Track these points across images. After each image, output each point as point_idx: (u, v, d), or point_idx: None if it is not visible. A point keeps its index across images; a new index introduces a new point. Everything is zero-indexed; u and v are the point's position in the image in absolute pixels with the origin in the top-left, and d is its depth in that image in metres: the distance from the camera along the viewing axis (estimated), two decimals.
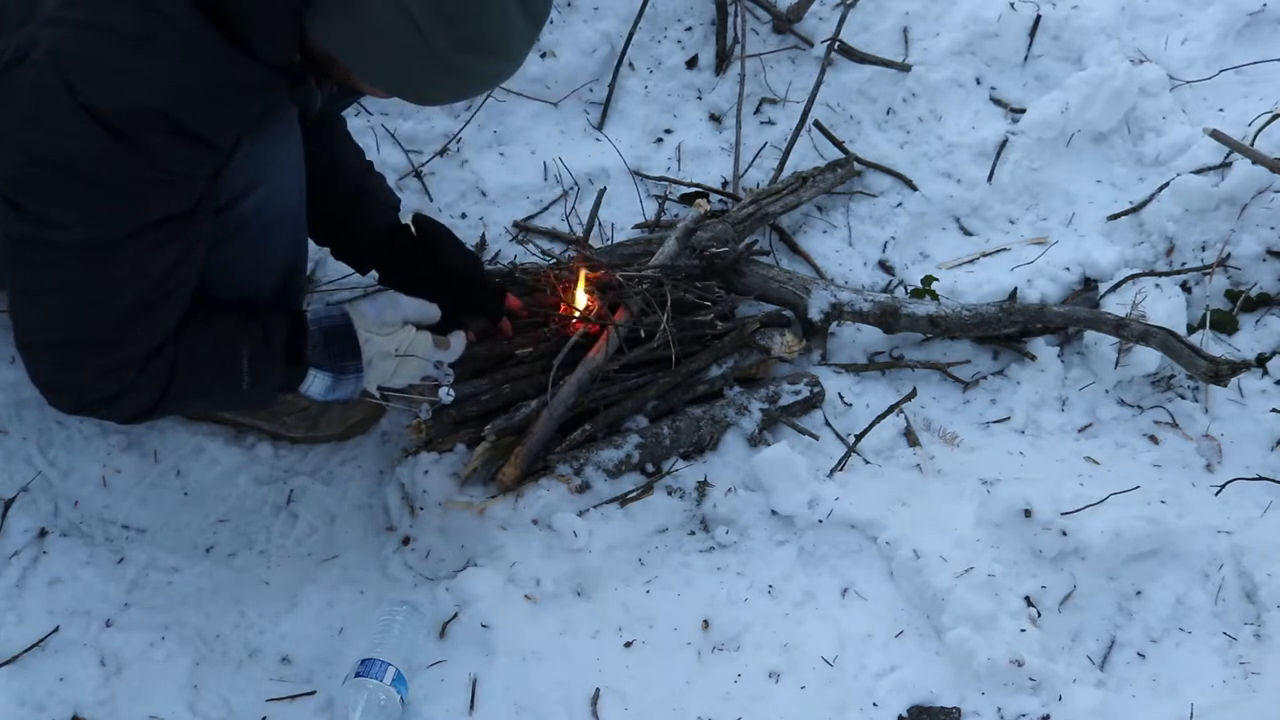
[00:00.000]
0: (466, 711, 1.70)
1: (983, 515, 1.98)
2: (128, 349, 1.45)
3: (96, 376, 1.47)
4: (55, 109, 1.27)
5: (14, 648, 1.66)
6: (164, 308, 1.47)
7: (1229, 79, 2.72)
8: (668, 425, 2.06)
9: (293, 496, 1.94)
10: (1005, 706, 1.78)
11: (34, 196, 1.33)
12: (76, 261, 1.37)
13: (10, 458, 1.87)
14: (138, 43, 1.28)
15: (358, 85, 1.49)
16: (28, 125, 1.29)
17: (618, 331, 2.06)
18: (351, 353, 1.67)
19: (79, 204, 1.33)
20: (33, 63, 1.27)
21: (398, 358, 1.72)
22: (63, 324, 1.42)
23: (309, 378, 1.64)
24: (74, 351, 1.45)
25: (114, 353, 1.45)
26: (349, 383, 1.68)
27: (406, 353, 1.73)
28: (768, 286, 2.29)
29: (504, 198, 2.49)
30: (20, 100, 1.29)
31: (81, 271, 1.38)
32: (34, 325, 1.46)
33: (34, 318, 1.45)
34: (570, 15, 2.70)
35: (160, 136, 1.31)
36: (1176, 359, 2.20)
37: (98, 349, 1.44)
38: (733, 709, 1.75)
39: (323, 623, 1.79)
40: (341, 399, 1.71)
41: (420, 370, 1.78)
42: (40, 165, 1.30)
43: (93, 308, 1.41)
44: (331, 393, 1.68)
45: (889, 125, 2.71)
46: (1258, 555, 1.96)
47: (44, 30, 1.28)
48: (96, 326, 1.42)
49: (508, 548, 1.89)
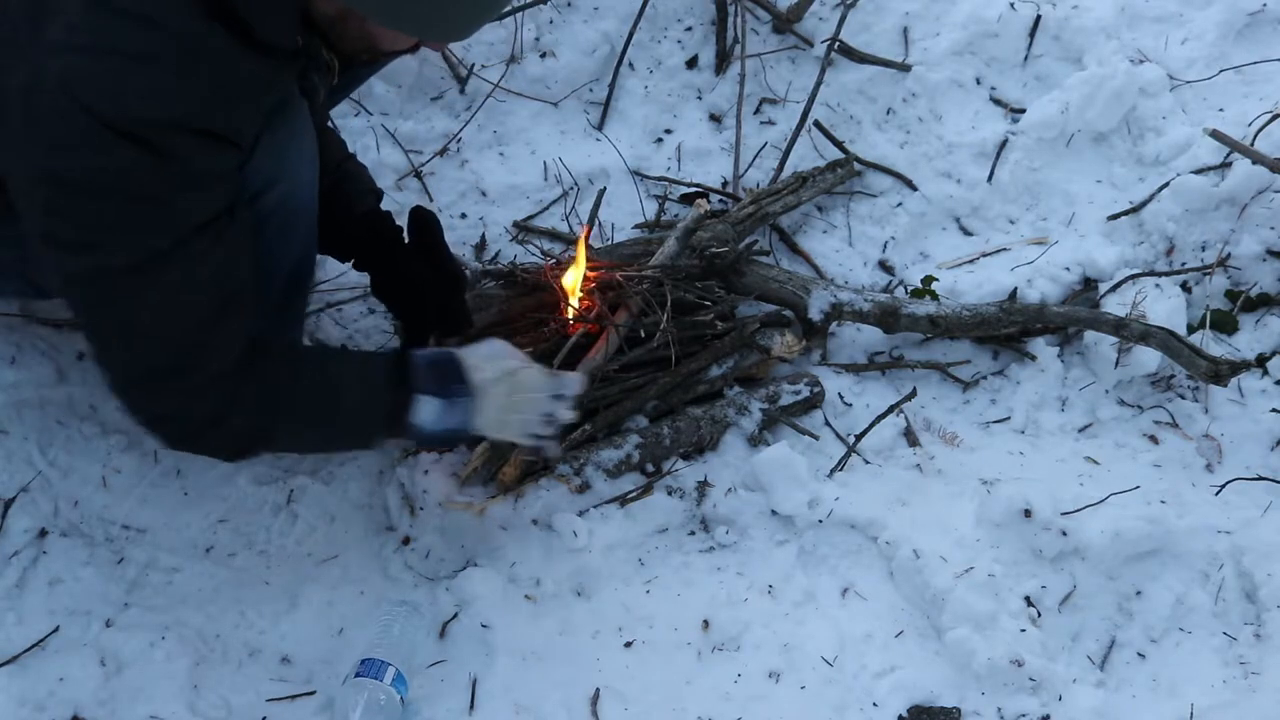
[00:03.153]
0: (466, 711, 1.70)
1: (983, 515, 1.98)
2: (211, 363, 1.46)
3: (190, 399, 1.47)
4: (77, 132, 1.29)
5: (14, 648, 1.66)
6: (232, 314, 1.47)
7: (1229, 79, 2.72)
8: (668, 425, 2.06)
9: (293, 496, 1.94)
10: (1005, 706, 1.78)
11: (77, 225, 1.35)
12: (134, 283, 1.38)
13: (10, 458, 1.87)
14: (144, 59, 1.30)
15: (374, 43, 1.48)
16: (55, 153, 1.31)
17: (618, 331, 2.06)
18: (458, 378, 1.64)
19: (122, 222, 1.34)
20: (47, 91, 1.29)
21: (511, 390, 1.67)
22: (143, 354, 1.44)
23: (416, 403, 1.60)
24: (161, 379, 1.46)
25: (198, 370, 1.45)
26: (459, 408, 1.63)
27: (519, 384, 1.68)
28: (768, 286, 2.29)
29: (504, 198, 2.49)
30: (43, 128, 1.31)
31: (141, 293, 1.39)
32: (118, 365, 1.48)
33: (116, 357, 1.47)
34: (570, 15, 2.70)
35: (183, 142, 1.32)
36: (1176, 359, 2.20)
37: (182, 370, 1.45)
38: (733, 709, 1.75)
39: (323, 623, 1.79)
40: (454, 430, 1.65)
41: (537, 405, 1.70)
42: (75, 191, 1.32)
43: (164, 328, 1.42)
44: (442, 421, 1.62)
45: (889, 125, 2.71)
46: (1258, 555, 1.96)
47: (51, 59, 1.30)
48: (173, 347, 1.43)
49: (508, 548, 1.90)
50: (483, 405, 1.65)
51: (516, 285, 2.13)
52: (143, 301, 1.40)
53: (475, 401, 1.64)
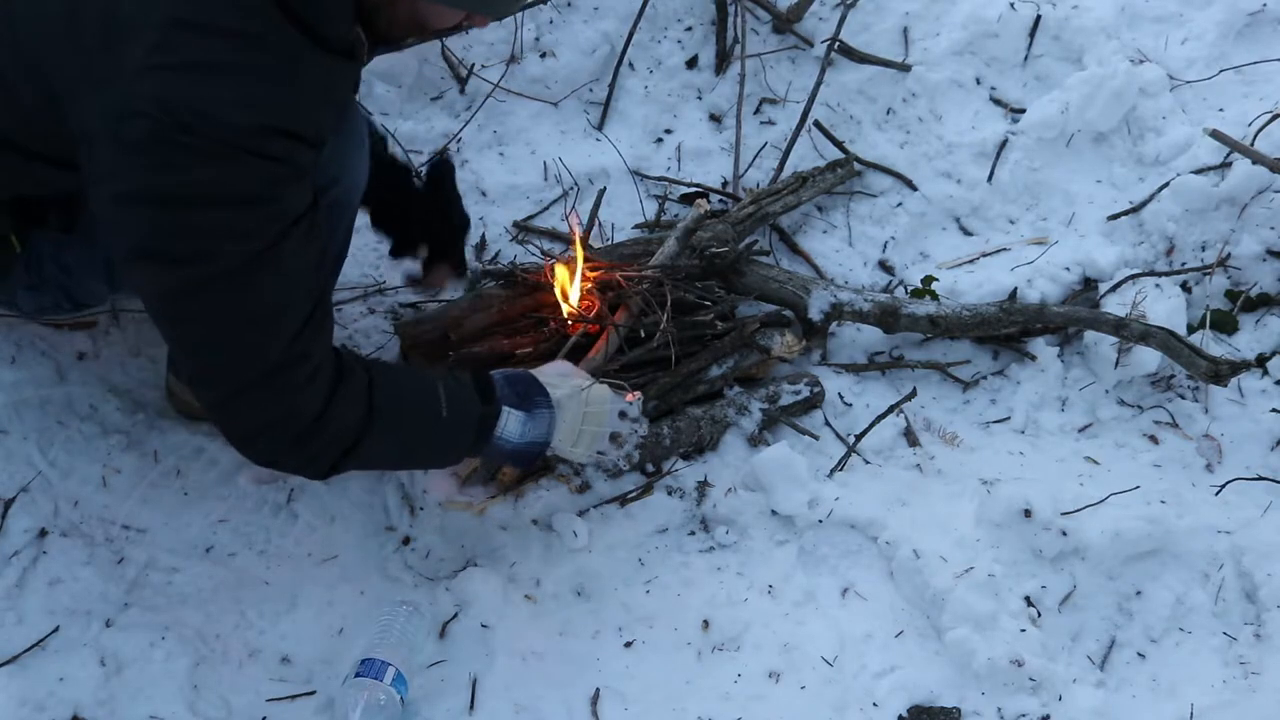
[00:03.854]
0: (466, 711, 1.70)
1: (983, 515, 1.98)
2: (314, 354, 1.48)
3: (296, 396, 1.48)
4: (177, 151, 1.33)
5: (14, 648, 1.66)
6: (325, 303, 1.52)
7: (1229, 79, 2.72)
8: (668, 425, 2.06)
9: (292, 496, 1.94)
10: (1005, 706, 1.78)
11: (183, 238, 1.38)
12: (240, 285, 1.41)
13: (10, 458, 1.87)
14: (234, 70, 1.35)
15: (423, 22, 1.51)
16: (157, 172, 1.34)
17: (618, 331, 2.06)
18: (538, 391, 1.72)
19: (228, 228, 1.38)
20: (142, 114, 1.32)
21: (585, 405, 1.75)
22: (249, 357, 1.45)
23: (503, 416, 1.66)
24: (268, 379, 1.46)
25: (304, 362, 1.47)
26: (542, 420, 1.70)
27: (590, 398, 1.76)
28: (768, 286, 2.29)
29: (504, 198, 2.49)
30: (142, 150, 1.34)
31: (246, 294, 1.42)
32: (223, 375, 1.48)
33: (221, 367, 1.48)
34: (570, 15, 2.70)
35: (279, 144, 1.37)
36: (1176, 359, 2.20)
37: (288, 366, 1.46)
38: (733, 709, 1.75)
39: (323, 623, 1.79)
40: (537, 442, 1.71)
41: (607, 421, 1.78)
42: (181, 205, 1.35)
43: (269, 325, 1.44)
44: (526, 434, 1.69)
45: (889, 125, 2.71)
46: (1258, 555, 1.96)
47: (140, 82, 1.32)
48: (279, 343, 1.45)
49: (508, 548, 1.90)
50: (560, 419, 1.72)
51: (516, 285, 2.13)
52: (247, 302, 1.43)
53: (554, 415, 1.71)
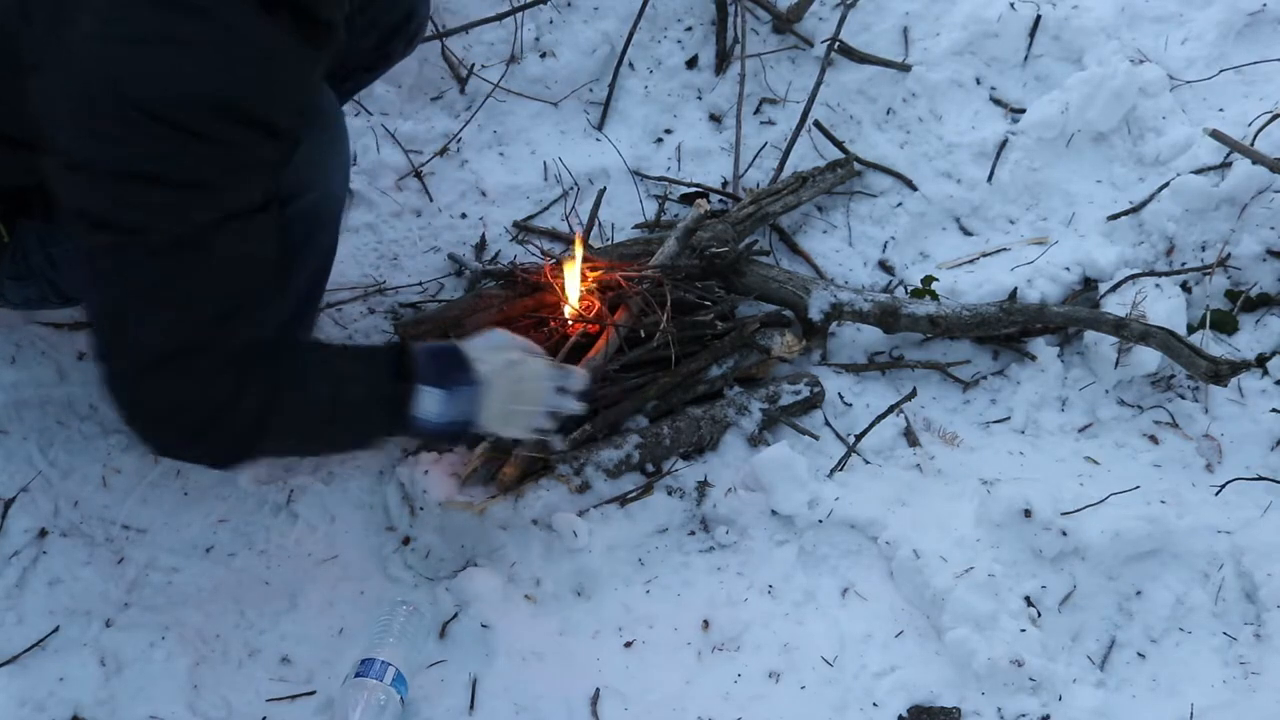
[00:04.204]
0: (466, 711, 1.70)
1: (983, 515, 1.98)
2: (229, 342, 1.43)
3: (202, 382, 1.43)
4: (122, 122, 1.29)
5: (14, 648, 1.66)
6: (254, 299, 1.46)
7: (1229, 79, 2.72)
8: (668, 425, 2.06)
9: (293, 496, 1.94)
10: (1005, 706, 1.78)
11: (117, 207, 1.35)
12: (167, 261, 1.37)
13: (10, 458, 1.87)
14: (185, 44, 1.30)
15: None
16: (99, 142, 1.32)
17: (618, 331, 2.06)
18: (460, 367, 1.61)
19: (164, 205, 1.34)
20: (87, 83, 1.30)
21: (516, 381, 1.64)
22: (162, 333, 1.41)
23: (418, 394, 1.56)
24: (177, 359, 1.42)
25: (216, 349, 1.42)
26: (463, 398, 1.59)
27: (523, 374, 1.65)
28: (768, 286, 2.29)
29: (504, 198, 2.49)
30: (86, 118, 1.31)
31: (171, 270, 1.38)
32: (134, 349, 1.44)
33: (132, 340, 1.44)
34: (570, 15, 2.70)
35: (226, 127, 1.33)
36: (1176, 359, 2.20)
37: (200, 349, 1.42)
38: (733, 709, 1.75)
39: (323, 623, 1.79)
40: (458, 421, 1.61)
41: (542, 397, 1.68)
42: (120, 177, 1.33)
43: (188, 305, 1.40)
44: (446, 413, 1.58)
45: (889, 125, 2.71)
46: (1258, 555, 1.96)
47: (87, 51, 1.30)
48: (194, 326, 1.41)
49: (508, 548, 1.90)
50: (487, 396, 1.61)
51: (516, 285, 2.13)
52: (170, 281, 1.39)
53: (479, 392, 1.61)
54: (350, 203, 2.37)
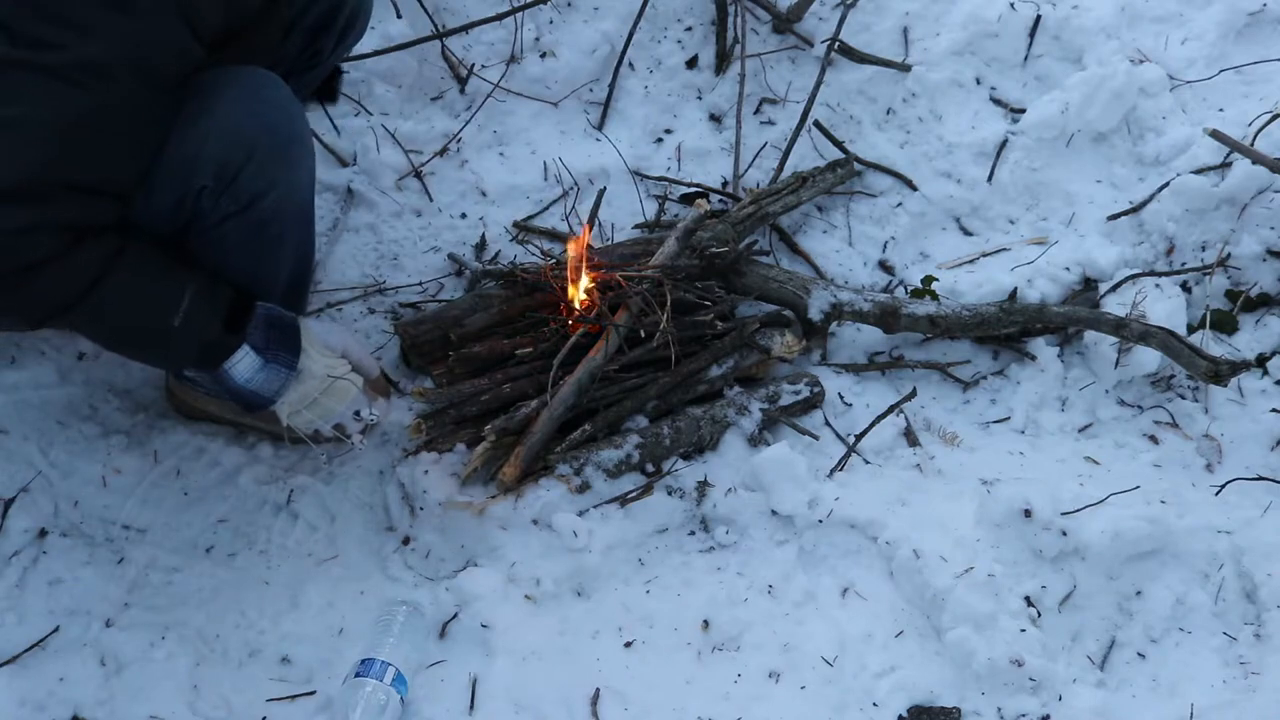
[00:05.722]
0: (466, 711, 1.70)
1: (983, 515, 1.98)
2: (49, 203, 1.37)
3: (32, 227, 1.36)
4: None
5: (14, 648, 1.66)
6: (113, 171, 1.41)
7: (1229, 79, 2.72)
8: (668, 425, 2.06)
9: (293, 496, 1.94)
10: (1005, 706, 1.78)
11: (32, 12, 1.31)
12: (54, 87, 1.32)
13: (10, 458, 1.87)
14: None
15: None
16: None
17: (618, 331, 2.06)
18: (290, 349, 1.65)
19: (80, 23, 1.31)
20: None
21: (323, 389, 1.70)
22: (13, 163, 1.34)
23: (240, 352, 1.60)
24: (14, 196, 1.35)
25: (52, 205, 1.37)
26: (275, 376, 1.64)
27: (332, 391, 1.71)
28: (768, 286, 2.29)
29: (504, 198, 2.49)
30: None
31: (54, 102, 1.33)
32: None
33: None
34: (570, 15, 2.70)
35: None
36: (1176, 359, 2.20)
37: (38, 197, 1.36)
38: (733, 709, 1.75)
39: (323, 623, 1.79)
40: (260, 394, 1.65)
41: (335, 415, 1.76)
42: None
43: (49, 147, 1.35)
44: (253, 381, 1.63)
45: (889, 125, 2.71)
46: (1258, 555, 1.96)
47: None
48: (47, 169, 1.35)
49: (508, 548, 1.90)
50: (293, 385, 1.67)
51: (516, 285, 2.13)
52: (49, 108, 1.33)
53: (289, 378, 1.65)
54: (350, 203, 2.37)
